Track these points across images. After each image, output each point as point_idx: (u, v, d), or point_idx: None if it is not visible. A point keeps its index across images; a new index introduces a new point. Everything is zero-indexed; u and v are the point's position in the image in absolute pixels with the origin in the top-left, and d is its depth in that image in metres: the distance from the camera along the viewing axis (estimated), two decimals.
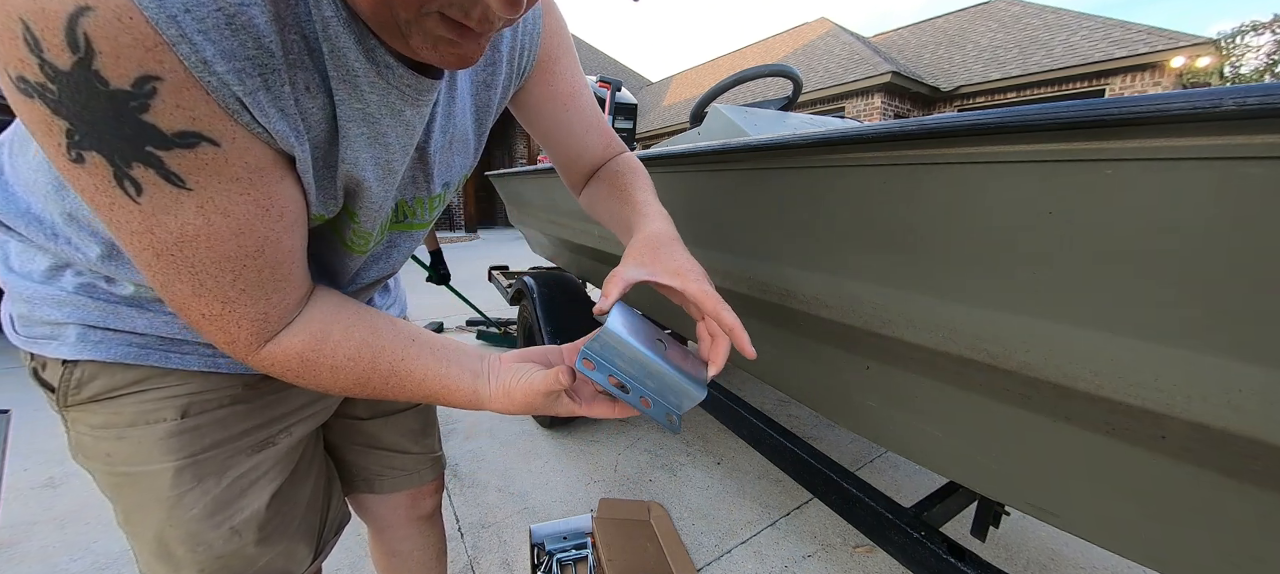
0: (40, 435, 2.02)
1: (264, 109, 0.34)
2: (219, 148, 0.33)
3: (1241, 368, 0.40)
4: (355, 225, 0.49)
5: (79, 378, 0.48)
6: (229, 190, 0.35)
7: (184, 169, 0.32)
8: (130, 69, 0.28)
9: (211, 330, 0.39)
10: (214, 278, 0.37)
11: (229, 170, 0.34)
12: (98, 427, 0.50)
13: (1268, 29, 14.97)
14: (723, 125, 1.30)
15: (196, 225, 0.34)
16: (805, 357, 0.92)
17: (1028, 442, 0.60)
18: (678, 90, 17.89)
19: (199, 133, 0.32)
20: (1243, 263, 0.38)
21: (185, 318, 0.39)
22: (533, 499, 1.62)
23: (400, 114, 0.43)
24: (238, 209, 0.36)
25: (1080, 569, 1.33)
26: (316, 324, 0.44)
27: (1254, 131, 0.35)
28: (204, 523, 0.53)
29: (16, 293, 0.48)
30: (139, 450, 0.50)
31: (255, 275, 0.38)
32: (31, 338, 0.49)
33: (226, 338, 0.40)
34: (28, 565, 1.32)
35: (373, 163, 0.44)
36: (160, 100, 0.30)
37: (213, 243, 0.35)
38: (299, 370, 0.43)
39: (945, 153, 0.54)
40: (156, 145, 0.31)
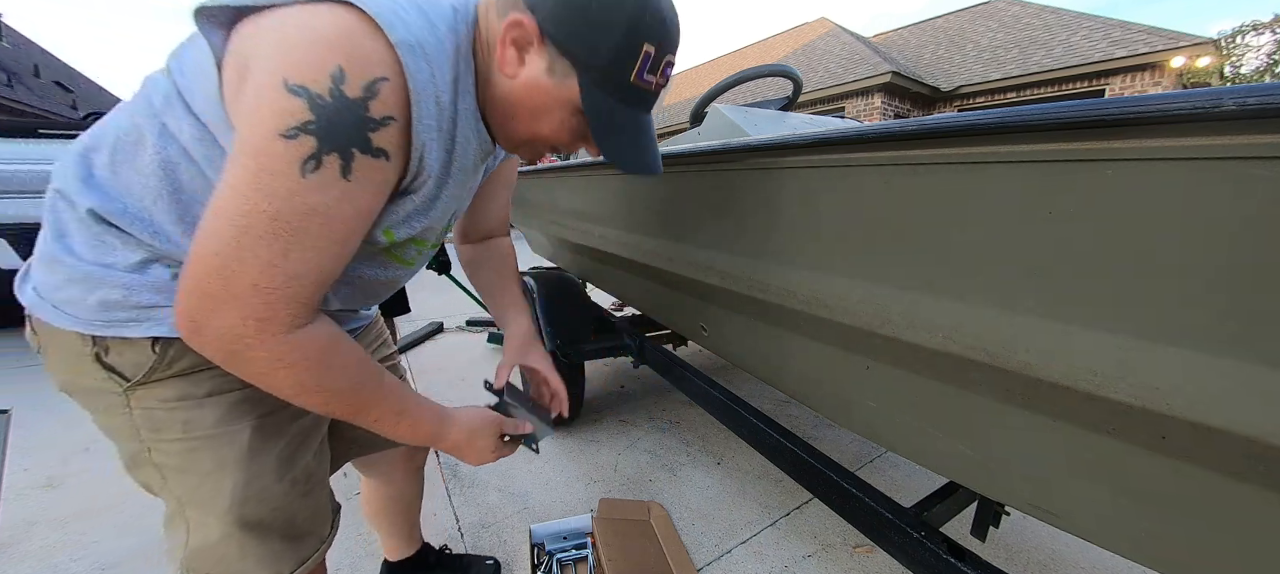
0: (40, 435, 2.02)
1: (431, 151, 0.51)
2: (388, 163, 0.47)
3: (1241, 368, 0.40)
4: (419, 245, 0.66)
5: (171, 355, 0.55)
6: (366, 189, 0.47)
7: (359, 169, 0.45)
8: (383, 108, 0.44)
9: (249, 301, 0.44)
10: (303, 252, 0.44)
11: (377, 177, 0.47)
12: (173, 399, 0.56)
13: (1268, 29, 14.96)
14: (723, 125, 1.30)
15: (329, 206, 0.44)
16: (805, 357, 0.92)
17: (1028, 442, 0.60)
18: (678, 90, 17.88)
19: (387, 151, 0.46)
20: (1243, 263, 0.38)
21: (223, 292, 0.43)
22: (533, 499, 1.62)
23: (479, 166, 0.65)
24: (360, 206, 0.47)
25: (1080, 569, 1.33)
26: (333, 327, 0.51)
27: (1254, 131, 0.35)
28: (273, 476, 0.62)
29: (102, 282, 0.52)
30: (218, 415, 0.58)
31: (331, 261, 0.47)
32: (113, 323, 0.53)
33: (264, 313, 0.44)
34: (28, 565, 1.32)
35: (456, 198, 0.63)
36: (387, 129, 0.45)
37: (329, 223, 0.45)
38: (315, 362, 0.49)
39: (945, 153, 0.54)
40: (360, 149, 0.44)
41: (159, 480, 0.60)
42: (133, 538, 1.42)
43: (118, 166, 0.52)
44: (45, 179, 2.74)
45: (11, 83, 12.98)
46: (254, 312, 0.44)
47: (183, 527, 0.62)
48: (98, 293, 0.52)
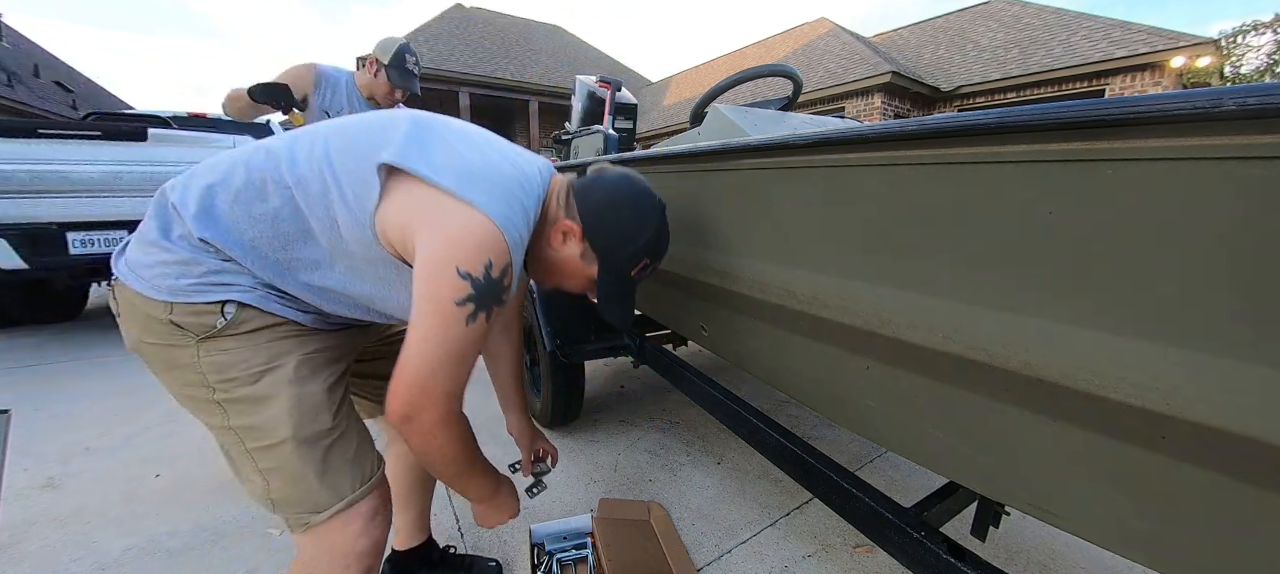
0: (40, 435, 2.02)
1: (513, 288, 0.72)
2: (503, 308, 0.70)
3: (1241, 368, 0.40)
4: None
5: (243, 318, 0.69)
6: (489, 322, 0.68)
7: (494, 313, 0.68)
8: (509, 279, 0.68)
9: (441, 403, 0.67)
10: (465, 368, 0.69)
11: (495, 316, 0.69)
12: (237, 347, 0.69)
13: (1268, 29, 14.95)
14: (723, 125, 1.30)
15: (478, 337, 0.67)
16: (805, 356, 0.92)
17: (1028, 442, 0.60)
18: (678, 90, 17.89)
19: (505, 302, 0.69)
20: (1243, 263, 0.38)
21: (429, 394, 0.66)
22: (533, 499, 1.61)
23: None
24: (485, 329, 0.68)
25: (1080, 569, 1.33)
26: (464, 422, 0.75)
27: (1254, 131, 0.35)
28: (322, 396, 0.74)
29: (191, 268, 0.66)
30: (274, 350, 0.71)
31: (464, 375, 0.69)
32: (197, 288, 0.66)
33: (445, 409, 0.68)
34: (28, 565, 1.32)
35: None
36: (510, 291, 0.70)
37: (465, 347, 0.67)
38: (458, 437, 0.72)
39: (945, 153, 0.54)
40: (498, 304, 0.68)
41: (221, 416, 0.70)
42: (133, 538, 1.42)
43: (236, 207, 0.67)
44: (45, 179, 2.73)
45: (11, 83, 12.99)
46: (442, 405, 0.67)
47: (248, 453, 0.71)
48: (185, 275, 0.66)
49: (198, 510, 1.54)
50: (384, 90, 1.83)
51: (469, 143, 0.73)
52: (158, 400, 2.41)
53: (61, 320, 3.96)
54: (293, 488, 0.72)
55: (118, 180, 3.06)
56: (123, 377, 2.72)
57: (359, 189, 0.67)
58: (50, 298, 3.89)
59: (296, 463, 0.71)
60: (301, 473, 0.71)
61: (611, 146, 1.97)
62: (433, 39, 12.87)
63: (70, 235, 2.97)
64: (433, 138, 0.70)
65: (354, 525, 0.75)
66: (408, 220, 0.65)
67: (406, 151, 0.66)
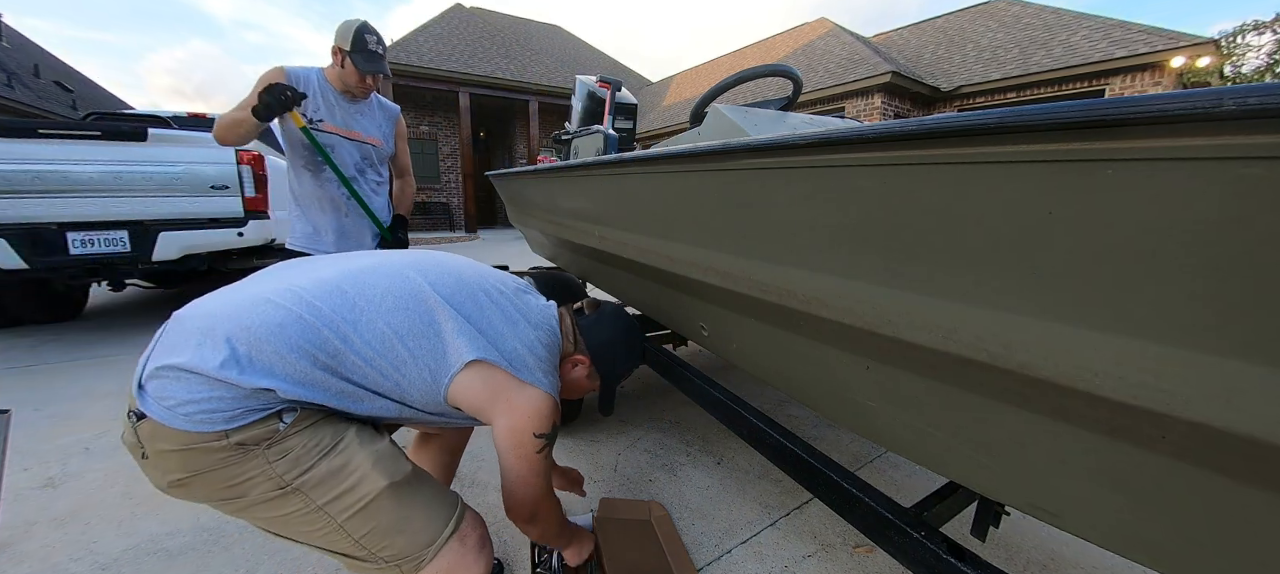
0: (40, 435, 2.02)
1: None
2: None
3: (1241, 368, 0.40)
4: None
5: (301, 416, 0.73)
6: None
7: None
8: (558, 420, 0.93)
9: (543, 499, 0.94)
10: (545, 476, 0.92)
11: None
12: (301, 439, 0.72)
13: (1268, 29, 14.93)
14: (723, 125, 1.30)
15: (548, 457, 0.91)
16: (805, 357, 0.92)
17: (1028, 442, 0.60)
18: (678, 90, 17.88)
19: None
20: (1243, 263, 0.38)
21: (530, 498, 0.90)
22: None
23: None
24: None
25: (1080, 569, 1.33)
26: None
27: (1254, 131, 0.35)
28: (391, 447, 0.81)
29: (245, 401, 0.68)
30: (334, 430, 0.75)
31: (548, 478, 0.95)
32: (253, 413, 0.69)
33: (548, 501, 0.96)
34: (28, 565, 1.32)
35: None
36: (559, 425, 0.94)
37: (547, 462, 0.91)
38: (554, 511, 1.01)
39: (945, 153, 0.54)
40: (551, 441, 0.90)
41: (303, 501, 0.72)
42: (133, 538, 1.42)
43: (298, 362, 0.72)
44: (45, 179, 2.71)
45: (11, 83, 12.98)
46: (545, 502, 0.94)
47: (340, 527, 0.74)
48: (239, 406, 0.68)
49: (198, 510, 1.54)
50: (354, 79, 1.76)
51: (498, 308, 0.90)
52: None
53: (61, 320, 3.96)
54: (398, 535, 0.76)
55: (118, 180, 3.06)
56: (122, 376, 2.72)
57: (435, 367, 0.80)
58: (50, 298, 3.88)
59: (396, 508, 0.76)
60: (405, 516, 0.77)
61: (611, 146, 1.97)
62: (433, 39, 12.87)
63: (70, 235, 2.97)
64: (477, 311, 0.87)
65: (470, 542, 0.82)
66: (484, 402, 0.83)
67: (476, 344, 0.83)
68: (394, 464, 0.78)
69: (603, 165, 1.35)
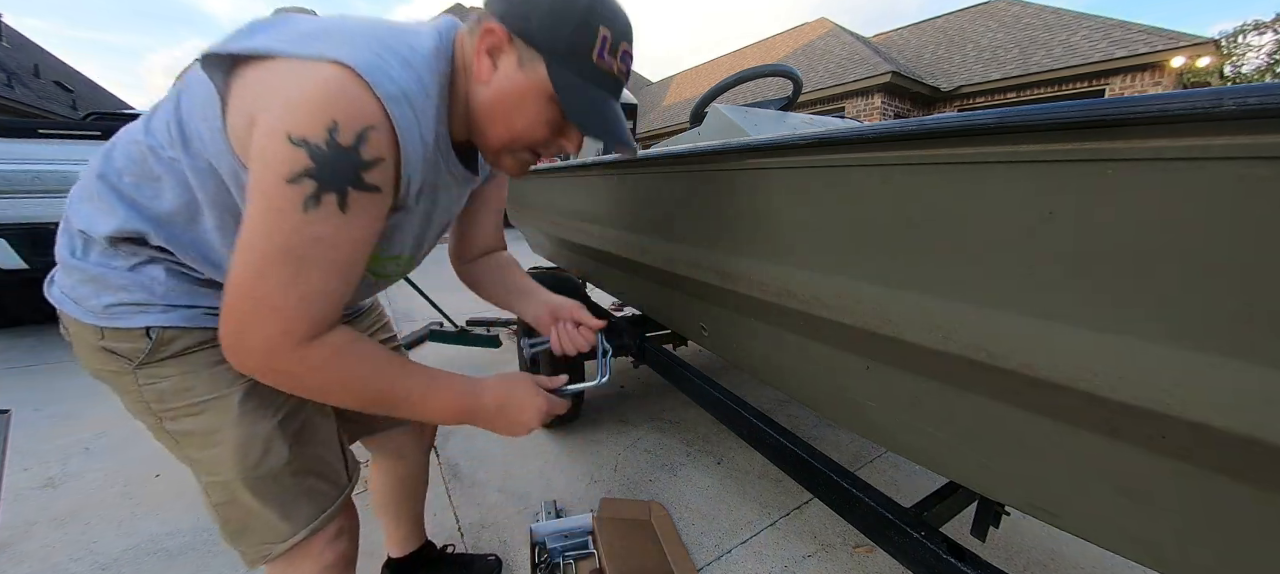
0: (40, 435, 2.02)
1: (413, 183, 0.58)
2: (380, 194, 0.54)
3: (1241, 368, 0.40)
4: (395, 261, 0.74)
5: (170, 337, 0.62)
6: (362, 219, 0.53)
7: (354, 203, 0.51)
8: (373, 151, 0.51)
9: (273, 320, 0.51)
10: (311, 276, 0.51)
11: (372, 209, 0.54)
12: (175, 375, 0.63)
13: (1268, 29, 14.94)
14: (723, 125, 1.30)
15: (330, 235, 0.51)
16: (805, 357, 0.92)
17: (1028, 442, 0.60)
18: (678, 90, 17.88)
19: (379, 187, 0.53)
20: (1243, 263, 0.38)
21: (253, 311, 0.51)
22: (533, 499, 1.62)
23: (449, 189, 0.72)
24: (359, 231, 0.54)
25: (1080, 569, 1.33)
26: (349, 333, 0.59)
27: (1254, 131, 0.35)
28: (273, 430, 0.67)
29: (107, 283, 0.60)
30: (216, 380, 0.64)
31: (338, 283, 0.54)
32: (114, 314, 0.60)
33: (284, 326, 0.52)
34: (28, 565, 1.32)
35: (424, 215, 0.69)
36: (377, 169, 0.52)
37: (332, 249, 0.52)
38: (334, 364, 0.56)
39: (945, 153, 0.54)
40: (354, 186, 0.51)
41: (174, 446, 0.67)
42: (133, 538, 1.42)
43: (139, 188, 0.59)
44: (45, 179, 2.72)
45: (11, 83, 12.98)
46: (277, 327, 0.52)
47: (203, 488, 0.68)
48: (103, 293, 0.60)
49: (198, 510, 1.54)
50: None
51: (327, 18, 0.57)
52: None
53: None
54: (247, 523, 0.69)
55: None
56: None
57: (207, 113, 0.54)
58: None
59: (249, 501, 0.67)
60: (257, 509, 0.68)
61: None
62: None
63: None
64: (269, 20, 0.56)
65: (315, 547, 0.72)
66: (249, 112, 0.50)
67: (228, 40, 0.52)
68: (261, 455, 0.66)
69: (603, 165, 1.35)
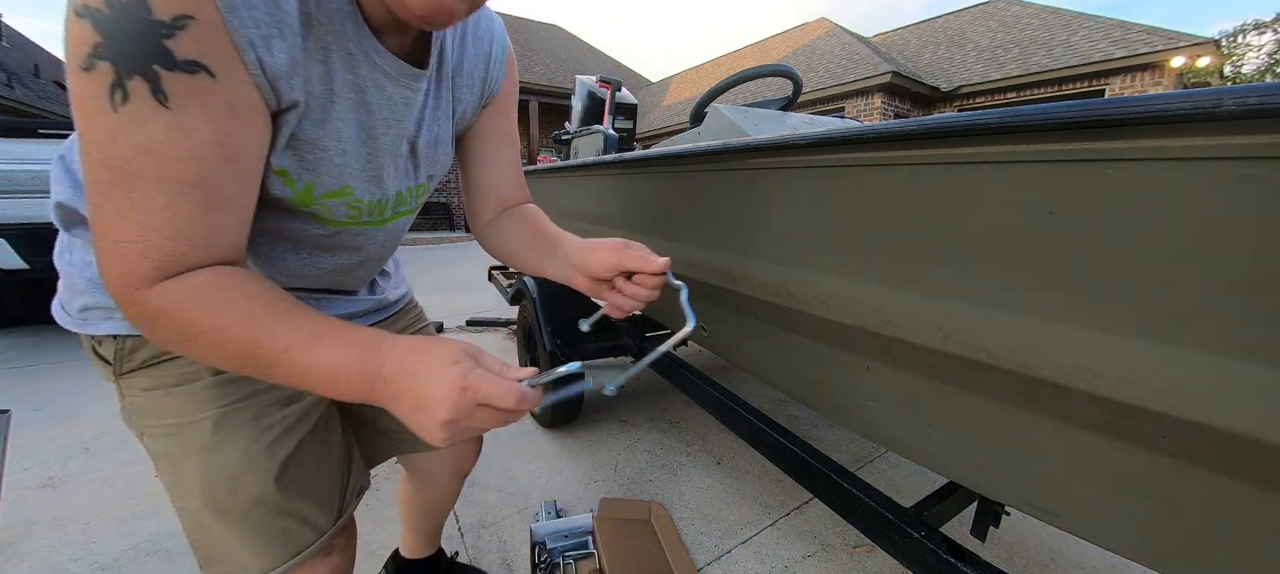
0: (40, 435, 2.02)
1: (274, 57, 0.43)
2: (214, 79, 0.40)
3: (1241, 368, 0.40)
4: (349, 201, 0.57)
5: (131, 347, 0.57)
6: (199, 116, 0.40)
7: (173, 89, 0.38)
8: (173, 7, 0.37)
9: (117, 259, 0.40)
10: (148, 196, 0.39)
11: (210, 100, 0.40)
12: (149, 389, 0.58)
13: (1269, 29, 14.94)
14: (723, 125, 1.30)
15: (158, 140, 0.38)
16: (805, 356, 0.92)
17: (1028, 442, 0.60)
18: (678, 90, 17.89)
19: (202, 64, 0.39)
20: (1243, 263, 0.38)
21: (101, 248, 0.41)
22: (533, 499, 1.62)
23: (383, 88, 0.54)
24: (199, 133, 0.40)
25: (1080, 569, 1.33)
26: (217, 274, 0.43)
27: (1254, 131, 0.35)
28: (239, 467, 0.59)
29: (76, 285, 0.57)
30: (182, 404, 0.58)
31: (186, 207, 0.41)
32: (86, 321, 0.57)
33: (125, 268, 0.40)
34: (28, 565, 1.32)
35: (357, 125, 0.53)
36: (186, 33, 0.37)
37: (164, 160, 0.39)
38: (186, 307, 0.42)
39: (945, 153, 0.54)
40: (162, 65, 0.37)
41: (152, 463, 0.61)
42: (133, 538, 1.42)
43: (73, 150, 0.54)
44: (44, 179, 2.73)
45: (11, 83, 12.98)
46: (120, 266, 0.41)
47: (176, 512, 0.62)
48: (77, 297, 0.57)
49: None
50: None
51: None
52: None
53: None
54: (214, 552, 0.62)
55: None
56: None
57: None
58: (50, 298, 3.88)
59: (219, 532, 0.60)
60: (225, 541, 0.61)
61: (611, 146, 1.97)
62: None
63: None
64: None
65: None
66: None
67: None
68: (231, 488, 0.58)
69: (602, 165, 1.35)
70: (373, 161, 0.57)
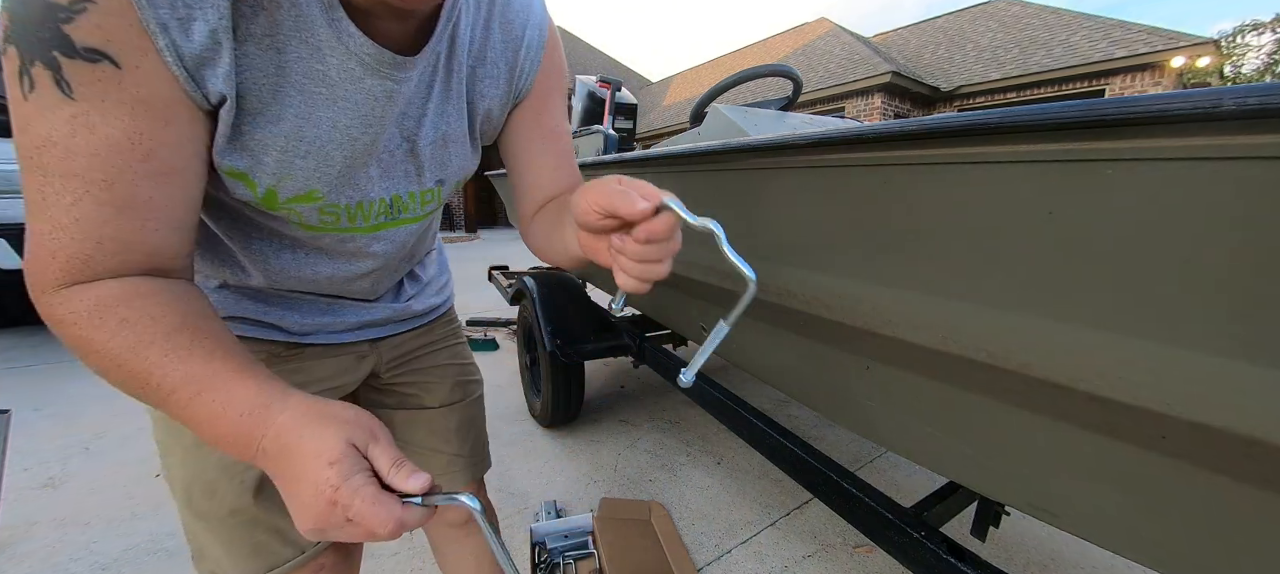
0: (40, 435, 2.02)
1: (192, 40, 0.37)
2: (119, 70, 0.36)
3: (1241, 368, 0.40)
4: (317, 201, 0.51)
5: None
6: (105, 111, 0.36)
7: (76, 79, 0.35)
8: None
9: (30, 254, 0.38)
10: (56, 192, 0.37)
11: (117, 93, 0.36)
12: None
13: (1268, 29, 14.95)
14: (723, 125, 1.30)
15: (60, 133, 0.35)
16: (805, 356, 0.92)
17: (1028, 442, 0.60)
18: (678, 90, 17.89)
19: (105, 53, 0.35)
20: (1243, 263, 0.38)
21: (25, 241, 0.39)
22: (533, 499, 1.62)
23: (360, 81, 0.46)
24: (105, 130, 0.36)
25: (1080, 569, 1.33)
26: (132, 286, 0.40)
27: (1254, 131, 0.35)
28: (216, 473, 0.58)
29: None
30: None
31: (93, 208, 0.37)
32: None
33: (38, 265, 0.38)
34: (28, 565, 1.32)
35: (323, 122, 0.46)
36: (86, 18, 0.33)
37: (68, 155, 0.36)
38: (82, 321, 0.39)
39: (945, 153, 0.54)
40: (62, 52, 0.34)
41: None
42: (133, 538, 1.42)
43: None
44: None
45: None
46: (31, 262, 0.39)
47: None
48: None
49: None
50: None
51: None
52: None
53: None
54: (201, 549, 0.62)
55: None
56: None
57: None
58: None
59: (200, 531, 0.61)
60: (207, 541, 0.61)
61: (611, 146, 1.97)
62: None
63: None
64: None
65: None
66: None
67: None
68: (207, 494, 0.58)
69: (602, 165, 1.35)
70: (347, 162, 0.50)
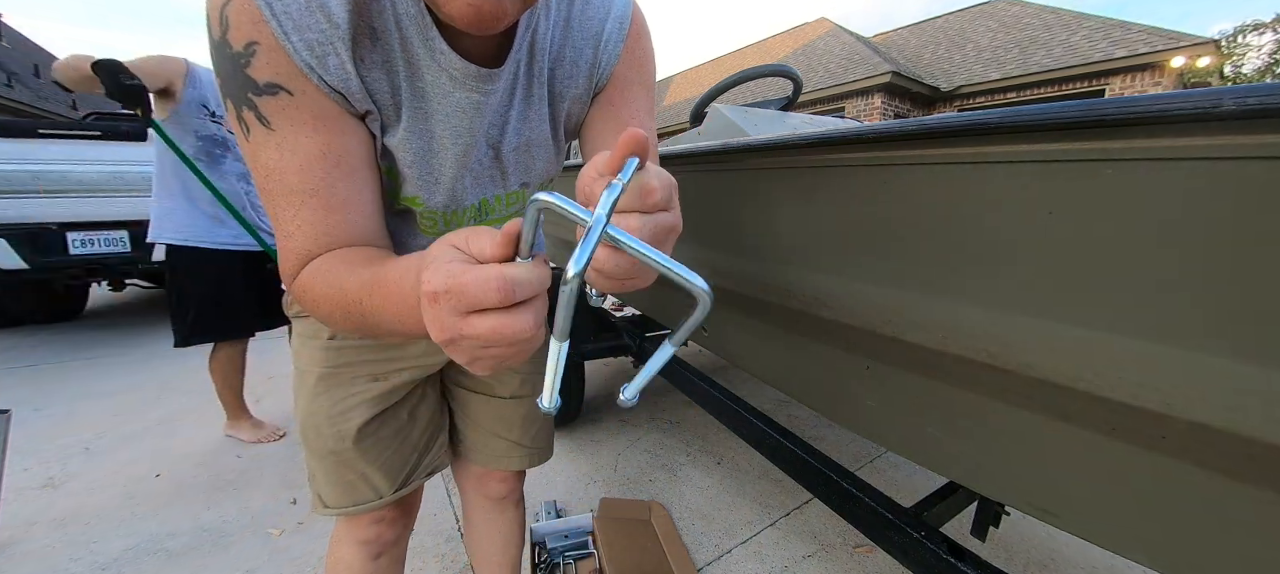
0: (40, 435, 2.02)
1: (330, 72, 0.45)
2: (293, 96, 0.44)
3: (1241, 368, 0.40)
4: (419, 207, 0.60)
5: (290, 299, 0.72)
6: (299, 132, 0.45)
7: (268, 111, 0.44)
8: (242, 37, 0.42)
9: (281, 254, 0.49)
10: (283, 209, 0.47)
11: (299, 115, 0.45)
12: (299, 333, 0.71)
13: (1268, 29, 14.95)
14: (723, 125, 1.30)
15: (275, 160, 0.45)
16: (805, 357, 0.92)
17: (1028, 442, 0.60)
18: (677, 90, 17.89)
19: (279, 84, 0.44)
20: (1243, 263, 0.38)
21: (278, 240, 0.49)
22: (533, 499, 1.62)
23: (450, 95, 0.52)
24: (304, 148, 0.45)
25: (1080, 569, 1.33)
26: (333, 254, 0.48)
27: (1254, 131, 0.35)
28: (324, 419, 0.69)
29: None
30: (308, 355, 0.70)
31: (309, 214, 0.47)
32: None
33: (286, 264, 0.49)
34: (28, 565, 1.32)
35: (422, 134, 0.54)
36: (257, 59, 0.42)
37: (284, 176, 0.46)
38: (312, 289, 0.48)
39: (945, 153, 0.54)
40: (254, 93, 0.43)
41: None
42: (133, 538, 1.42)
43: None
44: (44, 179, 2.71)
45: (11, 83, 12.99)
46: (282, 263, 0.50)
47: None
48: None
49: (198, 510, 1.54)
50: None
51: None
52: (158, 400, 2.41)
53: (61, 320, 3.96)
54: (311, 472, 0.75)
55: (118, 180, 3.06)
56: (122, 376, 2.72)
57: None
58: (50, 298, 3.88)
59: (310, 457, 0.73)
60: (314, 467, 0.74)
61: None
62: None
63: (70, 235, 2.97)
64: None
65: (350, 529, 0.77)
66: None
67: None
68: (315, 432, 0.69)
69: None
70: (442, 172, 0.56)
